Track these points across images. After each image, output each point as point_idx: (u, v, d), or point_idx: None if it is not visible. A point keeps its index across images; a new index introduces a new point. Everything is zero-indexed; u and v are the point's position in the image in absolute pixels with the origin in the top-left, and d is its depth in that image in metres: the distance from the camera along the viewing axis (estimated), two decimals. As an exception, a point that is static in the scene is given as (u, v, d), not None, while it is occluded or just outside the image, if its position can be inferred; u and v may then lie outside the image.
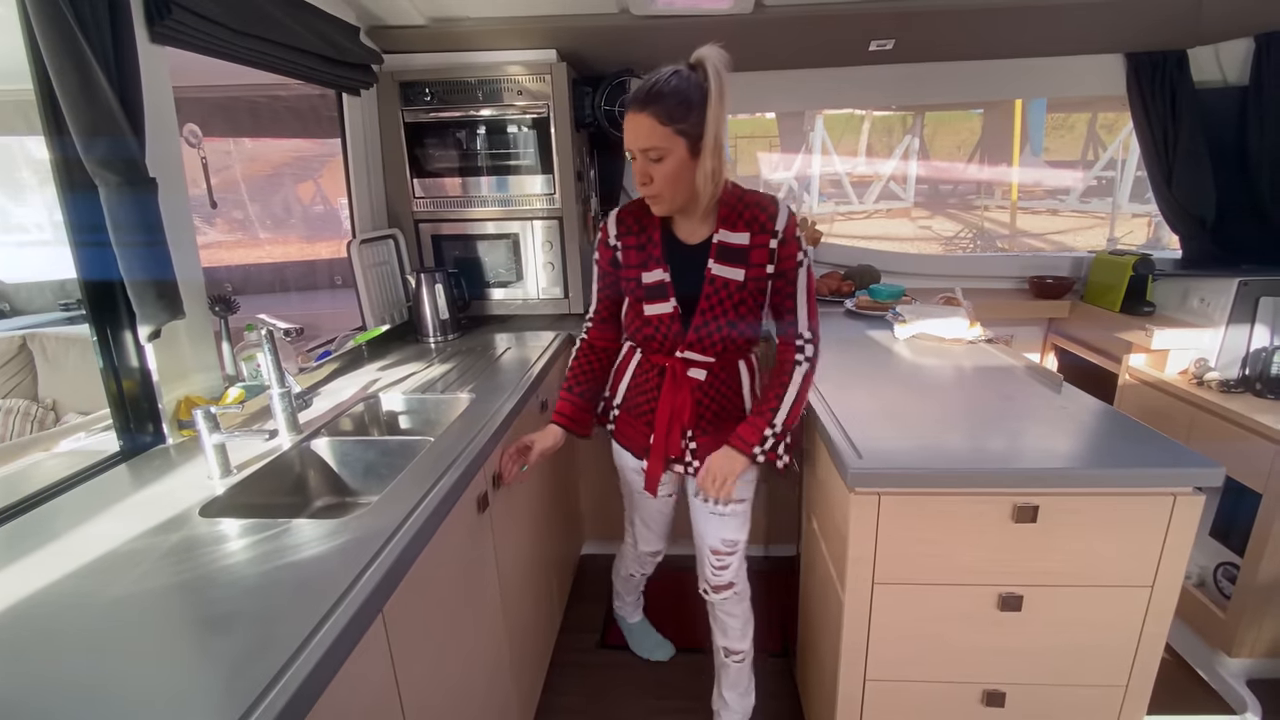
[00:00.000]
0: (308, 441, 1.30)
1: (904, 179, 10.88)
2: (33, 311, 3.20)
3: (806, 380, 1.24)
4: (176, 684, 0.64)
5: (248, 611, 0.75)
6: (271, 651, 0.67)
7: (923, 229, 9.86)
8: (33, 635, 0.72)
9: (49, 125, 1.05)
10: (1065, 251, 2.67)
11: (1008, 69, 2.23)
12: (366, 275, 1.95)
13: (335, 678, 0.69)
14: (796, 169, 9.67)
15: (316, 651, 0.67)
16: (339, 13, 1.74)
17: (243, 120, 2.97)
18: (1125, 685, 1.16)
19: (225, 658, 0.67)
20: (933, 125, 12.05)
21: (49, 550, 0.90)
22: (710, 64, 1.10)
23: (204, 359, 1.35)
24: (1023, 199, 10.04)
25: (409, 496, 1.00)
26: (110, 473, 1.15)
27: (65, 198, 1.09)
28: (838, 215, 10.59)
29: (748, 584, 1.44)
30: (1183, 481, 1.04)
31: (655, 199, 1.18)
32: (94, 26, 1.01)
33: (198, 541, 0.91)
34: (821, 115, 9.47)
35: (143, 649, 0.70)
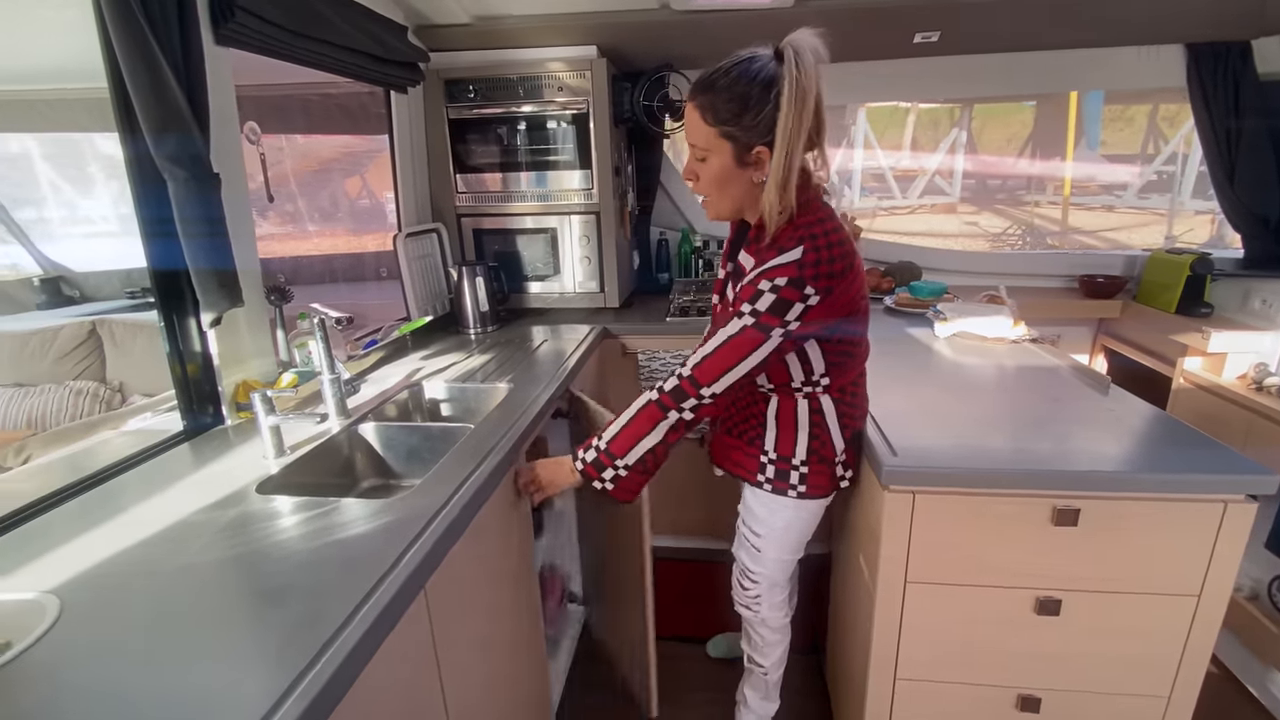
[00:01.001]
0: (355, 425, 1.36)
1: (950, 174, 10.58)
2: (101, 299, 3.39)
3: (646, 413, 1.07)
4: (234, 650, 0.69)
5: (299, 584, 0.79)
6: (320, 623, 0.71)
7: (969, 225, 9.58)
8: (103, 600, 0.78)
9: (122, 123, 1.12)
10: (1119, 250, 2.57)
11: (1060, 60, 2.16)
12: (411, 268, 2.02)
13: (378, 651, 0.73)
14: (837, 163, 9.50)
15: (362, 625, 0.71)
16: (388, 12, 1.79)
17: (296, 117, 3.08)
18: (1168, 697, 1.13)
19: (278, 626, 0.71)
20: (981, 118, 11.66)
21: (118, 521, 0.96)
22: (789, 54, 0.91)
23: (260, 345, 1.42)
24: (1077, 194, 9.66)
25: (451, 480, 1.04)
26: (173, 451, 1.23)
27: (137, 191, 1.16)
28: (880, 210, 10.37)
29: (778, 616, 1.39)
30: (1234, 489, 1.00)
31: (705, 202, 1.11)
32: (164, 29, 1.08)
33: (254, 517, 0.97)
34: (864, 108, 9.27)
35: (203, 615, 0.75)
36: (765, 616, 1.38)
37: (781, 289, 0.97)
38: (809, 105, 0.93)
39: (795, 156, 0.95)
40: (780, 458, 1.19)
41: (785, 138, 0.93)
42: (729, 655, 1.82)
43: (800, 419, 1.17)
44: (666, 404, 1.06)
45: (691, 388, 1.05)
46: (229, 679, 0.64)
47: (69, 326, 2.56)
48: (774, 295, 0.97)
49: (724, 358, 1.02)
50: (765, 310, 0.98)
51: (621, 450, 1.09)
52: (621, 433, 1.10)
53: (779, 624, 1.40)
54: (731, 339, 1.01)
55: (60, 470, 1.12)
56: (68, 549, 0.89)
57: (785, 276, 0.97)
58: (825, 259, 0.97)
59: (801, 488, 1.19)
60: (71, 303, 3.45)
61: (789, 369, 1.13)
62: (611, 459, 1.10)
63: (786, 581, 1.37)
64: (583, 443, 1.17)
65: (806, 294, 0.97)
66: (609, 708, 1.69)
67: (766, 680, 1.47)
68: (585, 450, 1.15)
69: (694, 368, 1.05)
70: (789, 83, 0.91)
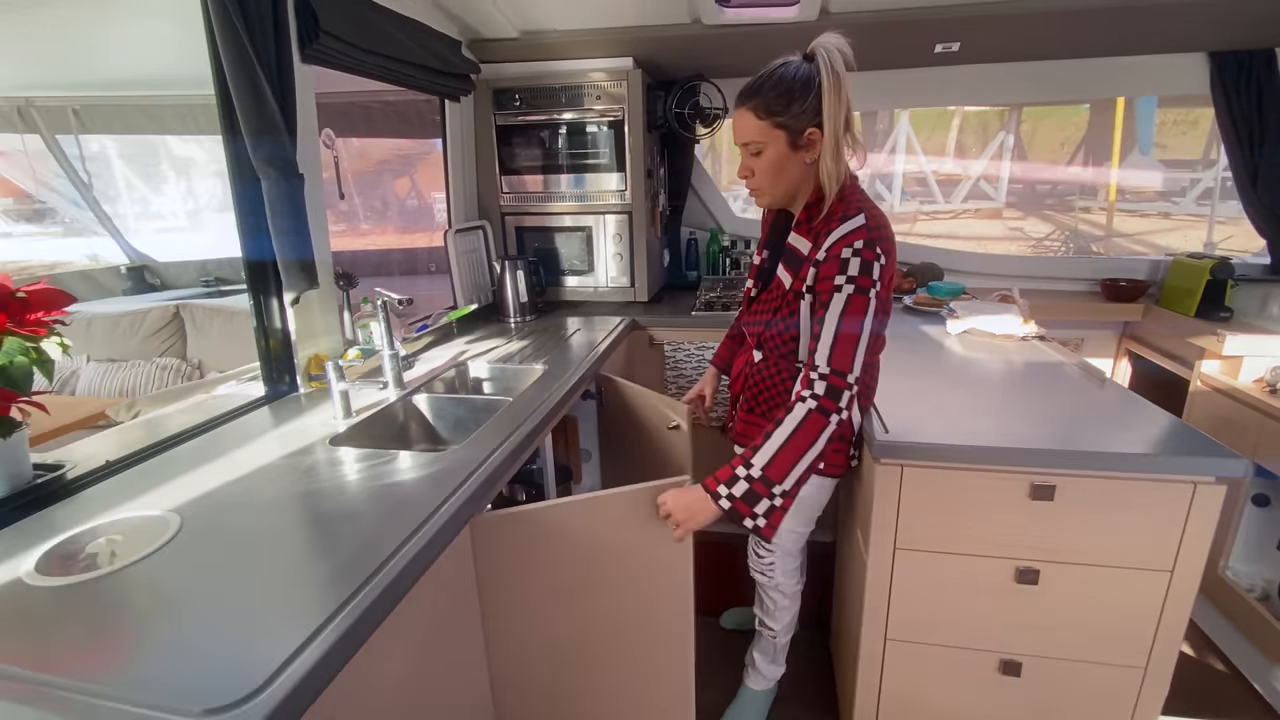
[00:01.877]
0: (410, 396, 1.54)
1: (996, 178, 10.37)
2: (180, 286, 3.72)
3: (809, 424, 1.03)
4: (307, 566, 0.85)
5: (363, 515, 0.96)
6: (378, 546, 0.87)
7: (1013, 230, 9.37)
8: (205, 524, 0.95)
9: (225, 129, 1.32)
10: (1144, 254, 2.59)
11: (1084, 68, 2.21)
12: (459, 261, 2.21)
13: (424, 575, 0.88)
14: (876, 166, 9.43)
15: (411, 551, 0.86)
16: (445, 29, 1.98)
17: (358, 122, 3.34)
18: (1144, 667, 1.21)
19: (343, 548, 0.87)
20: (1033, 121, 11.35)
21: (220, 462, 1.16)
22: (822, 53, 1.06)
23: (330, 324, 1.62)
24: (1132, 201, 9.35)
25: (491, 441, 1.20)
26: (257, 411, 1.43)
27: (235, 188, 1.36)
28: (922, 214, 10.23)
29: (791, 583, 1.50)
30: (1204, 471, 1.08)
31: (757, 192, 1.19)
32: (264, 50, 1.27)
33: (326, 463, 1.15)
34: (907, 111, 9.18)
35: (283, 539, 0.92)
36: (779, 582, 1.50)
37: (861, 250, 1.06)
38: (844, 91, 1.08)
39: (839, 131, 1.09)
40: None
41: (831, 115, 1.07)
42: (740, 627, 1.94)
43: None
44: (829, 408, 1.03)
45: (840, 380, 1.04)
46: (305, 585, 0.80)
47: (156, 309, 2.84)
48: (858, 258, 1.05)
49: (849, 336, 1.05)
50: (859, 274, 1.05)
51: (782, 473, 1.02)
52: (781, 452, 1.03)
53: (791, 590, 1.52)
54: (845, 312, 1.05)
55: (163, 425, 1.33)
56: (183, 481, 1.08)
57: (861, 239, 1.06)
58: (882, 224, 1.11)
59: (820, 465, 1.29)
60: (153, 289, 3.80)
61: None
62: (768, 486, 1.03)
63: (798, 552, 1.49)
64: (722, 470, 1.07)
65: (878, 253, 1.07)
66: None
67: (775, 644, 1.59)
68: (729, 482, 1.05)
69: (829, 362, 1.05)
70: (826, 72, 1.06)
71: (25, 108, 2.95)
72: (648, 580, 1.12)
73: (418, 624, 0.90)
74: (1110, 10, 1.75)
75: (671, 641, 1.16)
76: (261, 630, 0.71)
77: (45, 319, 0.99)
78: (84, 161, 3.27)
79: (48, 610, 0.75)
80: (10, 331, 0.93)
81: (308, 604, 0.75)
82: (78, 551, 0.87)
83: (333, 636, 0.69)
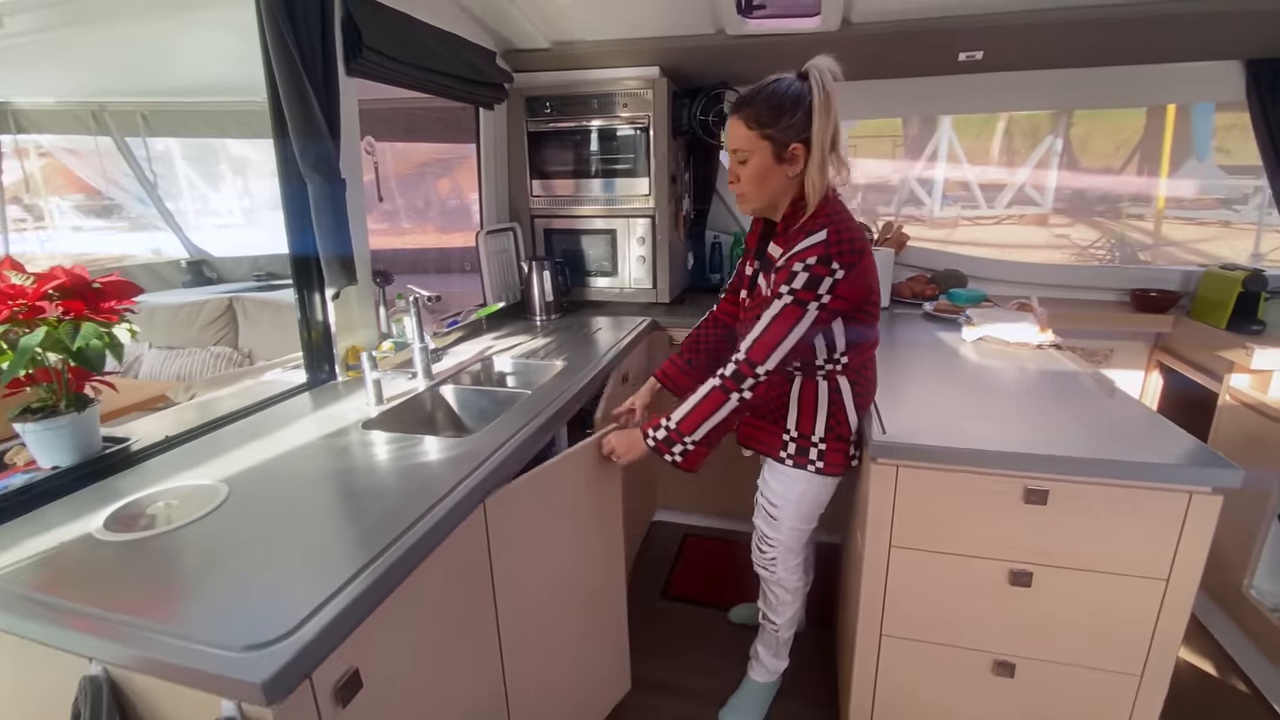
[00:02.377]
0: (438, 386, 1.65)
1: (1043, 184, 10.06)
2: (234, 280, 3.95)
3: (712, 396, 1.22)
4: (336, 532, 0.95)
5: (388, 490, 1.06)
6: (409, 510, 0.97)
7: (1058, 237, 9.08)
8: (249, 494, 1.06)
9: (277, 134, 1.44)
10: (1176, 265, 2.54)
11: (1112, 76, 2.19)
12: (489, 261, 2.31)
13: (440, 545, 0.98)
14: (917, 171, 9.27)
15: (437, 514, 0.96)
16: (481, 41, 2.09)
17: (400, 128, 3.49)
18: (1140, 675, 1.22)
19: (369, 517, 0.97)
20: (1087, 124, 10.95)
21: (261, 442, 1.27)
22: (814, 73, 1.14)
23: (367, 318, 1.74)
24: (1190, 208, 8.97)
25: (508, 429, 1.29)
26: (299, 397, 1.55)
27: (284, 190, 1.48)
28: (963, 220, 10.00)
29: (793, 579, 1.54)
30: (1199, 481, 1.09)
31: (742, 198, 1.29)
32: (312, 65, 1.38)
33: (359, 444, 1.25)
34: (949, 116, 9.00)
35: (317, 508, 1.03)
36: (781, 577, 1.55)
37: (812, 267, 1.15)
38: (832, 111, 1.16)
39: (825, 150, 1.17)
40: (801, 435, 1.37)
41: (819, 131, 1.16)
42: (748, 623, 1.99)
43: (820, 399, 1.33)
44: (729, 387, 1.21)
45: (748, 369, 1.19)
46: (334, 547, 0.90)
47: (211, 301, 3.04)
48: (806, 273, 1.15)
49: (772, 336, 1.17)
50: (801, 287, 1.15)
51: (690, 428, 1.24)
52: (690, 413, 1.24)
53: (793, 586, 1.56)
54: (776, 318, 1.17)
55: (215, 406, 1.46)
56: (231, 456, 1.20)
57: (814, 255, 1.15)
58: (846, 239, 1.16)
59: (820, 464, 1.36)
60: (210, 283, 4.04)
61: (814, 348, 1.29)
62: (680, 436, 1.25)
63: (800, 548, 1.53)
64: (653, 419, 1.31)
65: (833, 269, 1.14)
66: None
67: (778, 638, 1.64)
68: (655, 429, 1.29)
69: (748, 351, 1.19)
70: (816, 91, 1.14)
71: (99, 112, 3.19)
72: (593, 536, 1.40)
73: (434, 589, 0.99)
74: (1139, 20, 1.74)
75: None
76: (295, 583, 0.80)
77: (117, 307, 1.11)
78: (150, 162, 3.51)
79: (114, 561, 0.87)
80: (86, 317, 1.05)
81: (335, 563, 0.84)
82: (140, 513, 0.99)
83: (354, 592, 0.79)
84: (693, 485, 2.46)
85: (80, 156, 3.53)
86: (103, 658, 0.73)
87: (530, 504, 1.25)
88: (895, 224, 2.61)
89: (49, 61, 2.51)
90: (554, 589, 1.37)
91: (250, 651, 0.69)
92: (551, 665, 1.38)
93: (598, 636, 1.56)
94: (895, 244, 2.57)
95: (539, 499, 1.28)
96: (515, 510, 1.20)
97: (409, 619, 0.93)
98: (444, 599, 1.02)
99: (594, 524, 1.48)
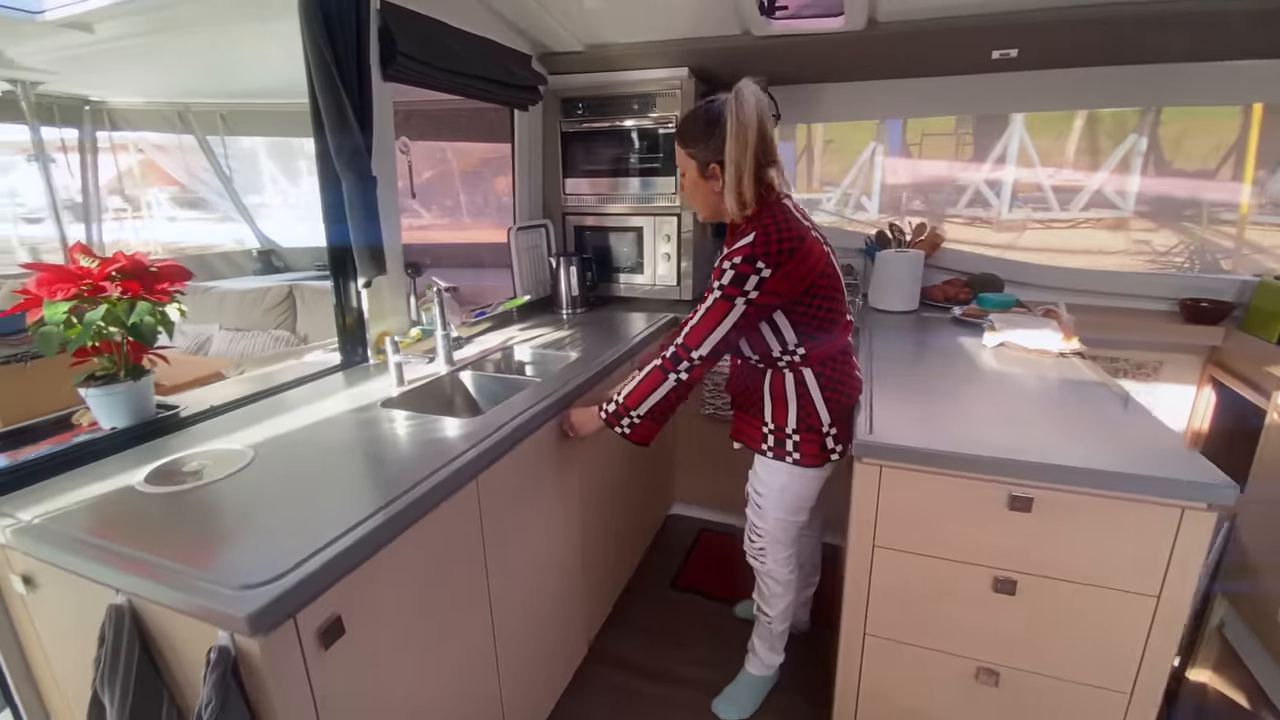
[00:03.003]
0: (457, 372, 1.75)
1: (1125, 186, 9.43)
2: (298, 270, 4.24)
3: (652, 375, 1.34)
4: (350, 490, 1.07)
5: (395, 460, 1.16)
6: (403, 480, 1.07)
7: (1138, 243, 8.50)
8: (280, 456, 1.19)
9: (317, 135, 1.57)
10: (1229, 274, 2.39)
11: (1157, 74, 2.08)
12: (520, 256, 2.42)
13: (440, 505, 1.08)
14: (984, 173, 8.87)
15: (426, 487, 1.05)
16: (515, 45, 2.19)
17: (450, 127, 3.67)
18: (1129, 693, 1.19)
19: (379, 480, 1.09)
20: (1181, 122, 10.18)
21: (294, 414, 1.40)
22: (731, 98, 1.23)
23: (398, 306, 1.86)
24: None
25: (510, 412, 1.38)
26: (332, 376, 1.69)
27: (323, 185, 1.61)
28: (1033, 223, 9.51)
29: (783, 571, 1.58)
30: (1192, 495, 1.06)
31: (691, 206, 1.44)
32: (347, 71, 1.50)
33: (377, 420, 1.37)
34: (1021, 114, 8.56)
35: (336, 471, 1.14)
36: (770, 568, 1.58)
37: (738, 265, 1.26)
38: (748, 134, 1.23)
39: (742, 170, 1.25)
40: (777, 427, 1.41)
41: (731, 156, 1.25)
42: (751, 617, 2.01)
43: (788, 391, 1.40)
44: (668, 367, 1.34)
45: (684, 353, 1.33)
46: (344, 501, 1.01)
47: (274, 288, 3.28)
48: (733, 271, 1.27)
49: (704, 325, 1.31)
50: (728, 284, 1.27)
51: (634, 403, 1.37)
52: (634, 390, 1.37)
53: (783, 578, 1.59)
54: (708, 310, 1.30)
55: (262, 381, 1.61)
56: (264, 424, 1.34)
57: (740, 255, 1.26)
58: (774, 240, 1.25)
59: (796, 455, 1.41)
60: (277, 271, 4.35)
61: (766, 340, 1.37)
62: (627, 410, 1.38)
63: (789, 541, 1.56)
64: (605, 396, 1.45)
65: (759, 268, 1.25)
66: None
67: (772, 630, 1.67)
68: (607, 403, 1.42)
69: (684, 337, 1.33)
70: (730, 116, 1.23)
71: (184, 112, 3.50)
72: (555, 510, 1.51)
73: (424, 553, 1.08)
74: (1177, 14, 1.66)
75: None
76: (292, 536, 0.91)
77: (169, 288, 1.26)
78: (226, 158, 3.81)
79: (148, 510, 1.00)
80: (141, 297, 1.20)
81: (328, 521, 0.94)
82: (176, 470, 1.13)
83: (339, 548, 0.88)
84: (709, 480, 2.50)
85: (168, 153, 3.87)
86: (126, 590, 0.85)
87: (513, 479, 1.34)
88: (932, 229, 2.56)
89: (138, 64, 2.78)
90: (534, 559, 1.46)
91: (243, 590, 0.79)
92: (532, 632, 1.46)
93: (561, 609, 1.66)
94: (928, 246, 2.52)
95: (519, 474, 1.38)
96: (502, 485, 1.29)
97: (397, 578, 1.02)
98: (435, 562, 1.11)
99: (555, 500, 1.57)
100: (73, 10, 2.07)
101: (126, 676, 0.84)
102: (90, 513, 0.99)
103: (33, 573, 0.98)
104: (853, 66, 2.35)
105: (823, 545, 1.89)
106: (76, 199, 3.41)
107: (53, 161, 3.06)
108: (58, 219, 3.14)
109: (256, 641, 0.78)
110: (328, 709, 0.89)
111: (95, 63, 2.67)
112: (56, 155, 3.09)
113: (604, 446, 1.83)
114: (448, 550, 1.15)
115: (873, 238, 2.59)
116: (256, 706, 0.81)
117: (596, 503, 1.80)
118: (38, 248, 3.39)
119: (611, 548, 1.96)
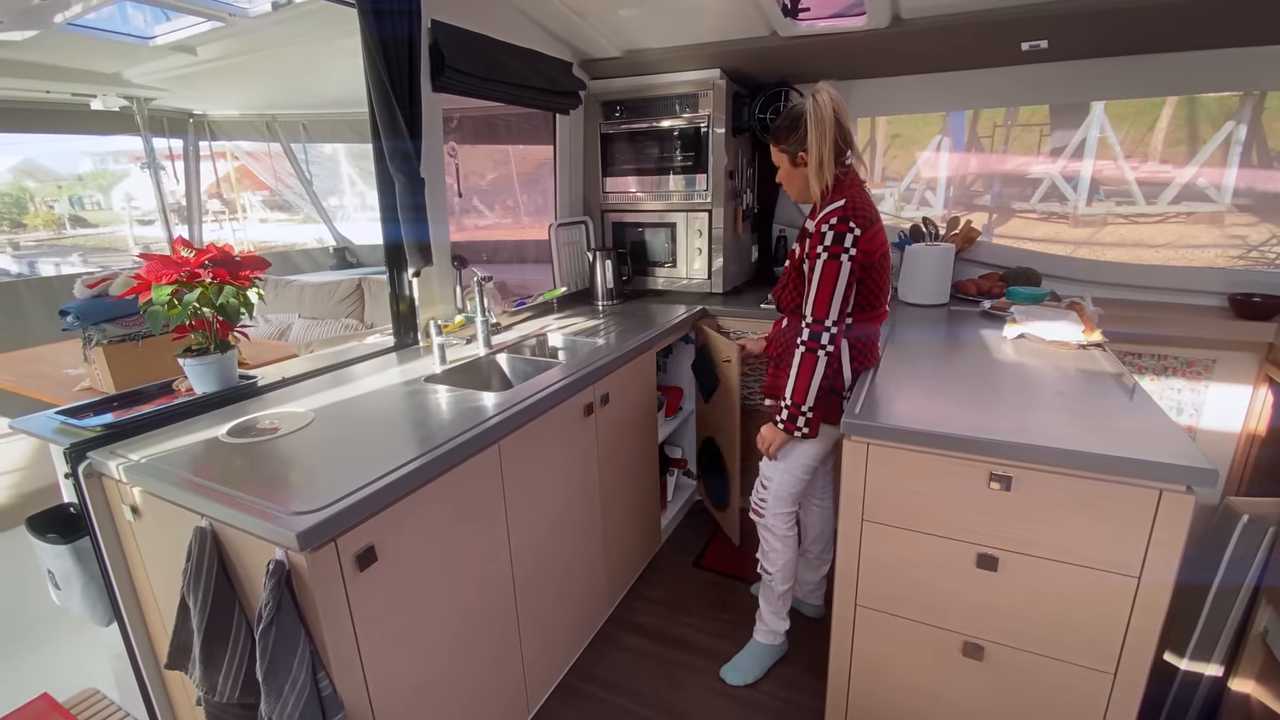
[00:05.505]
0: (494, 355, 1.93)
1: (1221, 179, 8.71)
2: (370, 265, 4.59)
3: (805, 361, 1.46)
4: (388, 446, 1.24)
5: (430, 424, 1.34)
6: (433, 439, 1.24)
7: (1233, 239, 7.84)
8: (336, 419, 1.39)
9: (375, 142, 1.78)
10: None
11: (1212, 60, 2.00)
12: (560, 251, 2.58)
13: (464, 463, 1.25)
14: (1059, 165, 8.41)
15: (453, 444, 1.22)
16: (556, 52, 2.35)
17: (502, 131, 3.89)
18: (1113, 674, 1.22)
19: (413, 439, 1.26)
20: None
21: (351, 385, 1.62)
22: (809, 100, 1.45)
23: (445, 295, 2.06)
24: None
25: (532, 389, 1.53)
26: (386, 356, 1.90)
27: (380, 186, 1.82)
28: (1115, 218, 8.93)
29: (781, 525, 1.69)
30: (1170, 477, 1.08)
31: (785, 190, 1.65)
32: (399, 84, 1.70)
33: (420, 392, 1.56)
34: (1101, 102, 8.06)
35: (378, 431, 1.33)
36: (771, 523, 1.69)
37: (835, 226, 1.43)
38: (826, 128, 1.45)
39: (823, 156, 1.47)
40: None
41: (814, 143, 1.47)
42: (766, 594, 2.11)
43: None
44: (813, 348, 1.46)
45: (819, 326, 1.45)
46: (382, 454, 1.19)
47: (345, 281, 3.60)
48: (832, 231, 1.43)
49: (823, 292, 1.44)
50: (831, 244, 1.43)
51: (802, 398, 1.48)
52: (796, 385, 1.48)
53: (781, 532, 1.69)
54: (821, 275, 1.44)
55: (327, 359, 1.84)
56: (325, 394, 1.55)
57: (835, 217, 1.44)
58: (860, 206, 1.45)
59: (805, 429, 1.52)
60: (350, 266, 4.71)
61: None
62: (799, 408, 1.49)
63: (790, 498, 1.67)
64: (775, 409, 1.55)
65: (852, 227, 1.43)
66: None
67: (774, 590, 1.75)
68: (780, 413, 1.53)
69: (811, 312, 1.46)
70: (811, 112, 1.46)
71: (271, 122, 3.88)
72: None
73: (450, 501, 1.25)
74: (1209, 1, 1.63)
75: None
76: (341, 478, 1.09)
77: (251, 275, 1.49)
78: (307, 164, 4.18)
79: (228, 455, 1.21)
80: (228, 282, 1.43)
81: (371, 467, 1.13)
82: (252, 426, 1.34)
83: (371, 490, 1.06)
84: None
85: (258, 159, 4.29)
86: (209, 515, 1.06)
87: (532, 446, 1.51)
88: (966, 221, 2.55)
89: (234, 81, 3.13)
90: (553, 522, 1.63)
91: (296, 516, 0.97)
92: (552, 590, 1.62)
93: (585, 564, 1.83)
94: (962, 240, 2.52)
95: (539, 442, 1.54)
96: (522, 450, 1.46)
97: (423, 522, 1.19)
98: (458, 512, 1.28)
99: (575, 470, 1.74)
100: (179, 35, 2.39)
101: (207, 583, 1.04)
102: (185, 455, 1.21)
103: (139, 504, 1.21)
104: (886, 61, 2.37)
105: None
106: (182, 202, 3.85)
107: (162, 169, 3.48)
108: (165, 220, 3.57)
109: (304, 557, 0.96)
110: (361, 619, 1.07)
111: (198, 80, 3.03)
112: (165, 163, 3.51)
113: (620, 430, 1.97)
114: (471, 503, 1.32)
115: (906, 232, 2.61)
116: (304, 610, 0.99)
117: (616, 478, 1.94)
118: (149, 246, 3.85)
119: (631, 520, 2.09)
